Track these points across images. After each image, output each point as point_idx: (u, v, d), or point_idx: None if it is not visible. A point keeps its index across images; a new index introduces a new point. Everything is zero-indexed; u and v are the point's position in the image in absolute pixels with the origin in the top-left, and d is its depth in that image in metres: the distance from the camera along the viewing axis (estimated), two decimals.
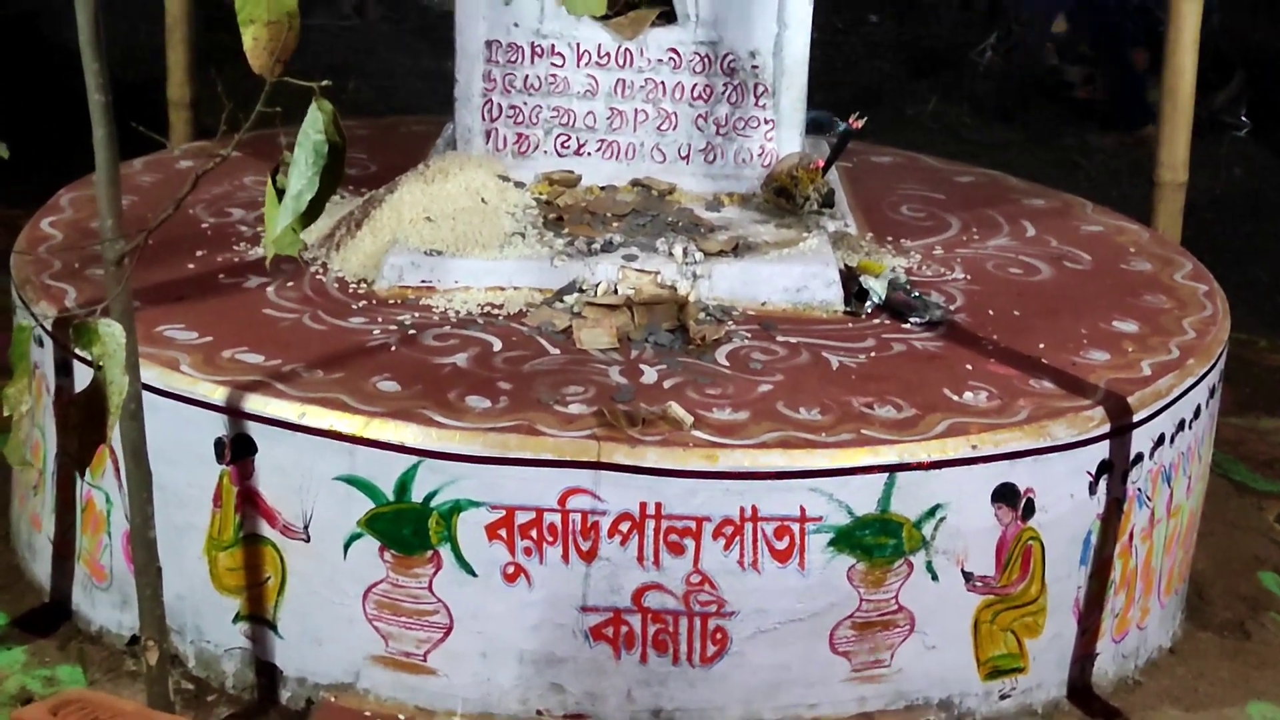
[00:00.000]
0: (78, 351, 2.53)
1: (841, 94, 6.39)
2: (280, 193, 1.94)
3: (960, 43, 8.16)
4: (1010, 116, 7.35)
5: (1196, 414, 2.79)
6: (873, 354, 2.73)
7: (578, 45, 3.19)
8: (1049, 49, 8.78)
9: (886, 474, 2.41)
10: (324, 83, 1.91)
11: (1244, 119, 7.24)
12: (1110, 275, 3.18)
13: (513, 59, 3.20)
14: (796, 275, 2.92)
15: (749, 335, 2.78)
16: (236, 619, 2.57)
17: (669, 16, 3.23)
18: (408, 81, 6.94)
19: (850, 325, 2.86)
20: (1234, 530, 3.37)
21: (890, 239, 3.28)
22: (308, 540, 2.47)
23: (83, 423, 1.98)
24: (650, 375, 2.62)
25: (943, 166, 3.92)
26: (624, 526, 2.39)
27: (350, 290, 2.88)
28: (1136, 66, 7.60)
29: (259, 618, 2.55)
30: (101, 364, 1.94)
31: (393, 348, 2.66)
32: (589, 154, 3.26)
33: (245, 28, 2.00)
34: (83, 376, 2.60)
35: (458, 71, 3.22)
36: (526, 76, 3.21)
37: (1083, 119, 7.67)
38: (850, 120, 3.19)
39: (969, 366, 2.69)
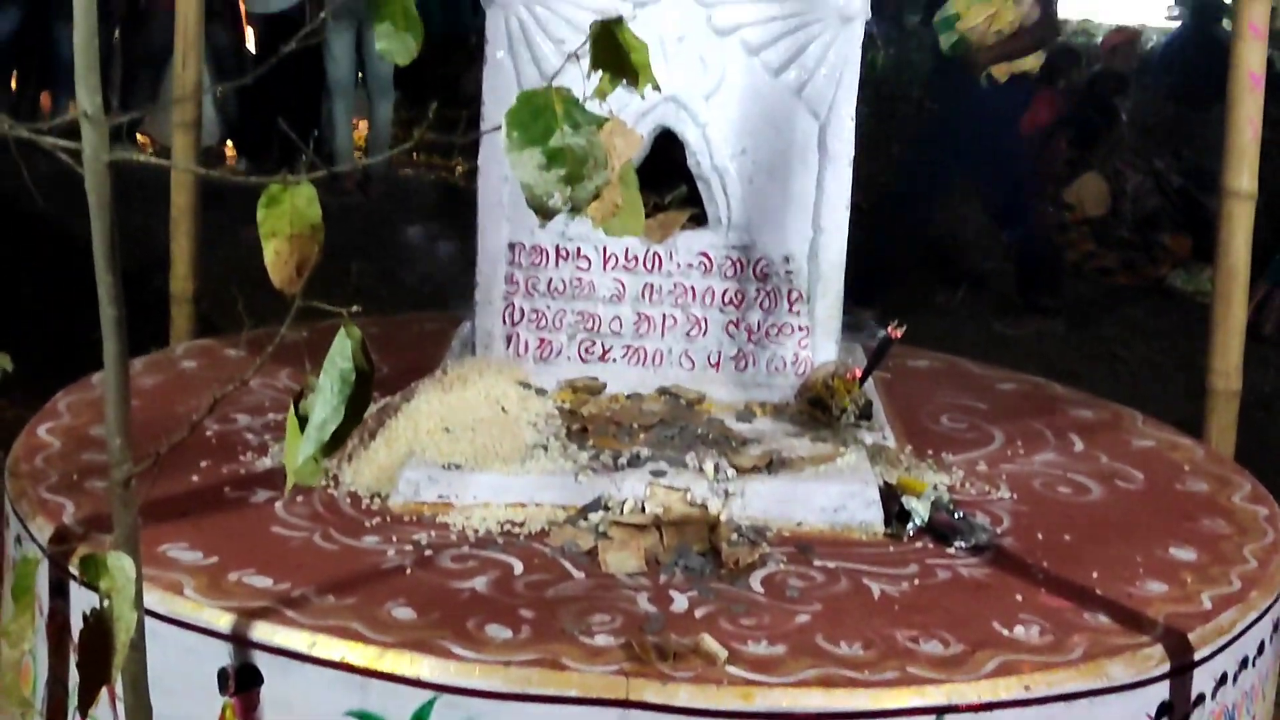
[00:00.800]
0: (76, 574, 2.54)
1: (865, 277, 6.47)
2: (303, 420, 1.97)
3: (989, 225, 8.28)
4: (1044, 309, 7.42)
5: (1260, 650, 2.79)
6: (916, 581, 2.74)
7: (604, 248, 3.25)
8: (1083, 232, 8.92)
9: (934, 716, 2.39)
10: (353, 309, 1.95)
11: None
12: (1165, 496, 3.19)
13: (536, 261, 3.26)
14: (834, 495, 2.93)
15: (784, 559, 2.79)
16: None
17: (699, 219, 3.30)
18: (413, 263, 7.04)
19: (891, 549, 2.87)
20: None
21: (931, 453, 3.30)
22: None
23: (86, 660, 1.98)
24: (681, 603, 2.62)
25: (983, 372, 3.96)
26: None
27: (363, 506, 2.90)
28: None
29: None
30: (109, 598, 1.95)
31: (408, 570, 2.67)
32: (614, 360, 3.31)
33: (267, 241, 2.04)
34: (79, 598, 2.60)
35: (478, 273, 3.28)
36: (550, 280, 3.27)
37: (1119, 306, 7.75)
38: (889, 329, 3.24)
39: (1019, 597, 2.70)
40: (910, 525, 2.93)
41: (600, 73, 2.05)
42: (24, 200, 6.46)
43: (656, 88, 2.06)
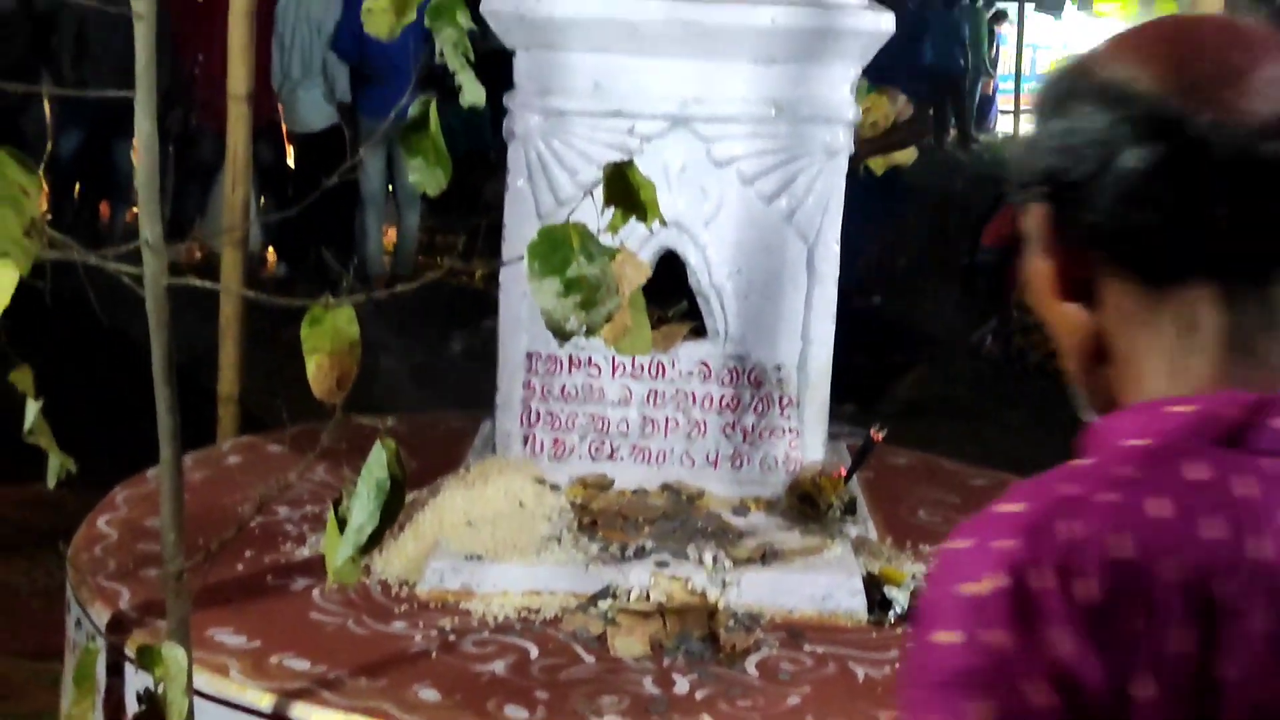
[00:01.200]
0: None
1: (843, 375, 6.47)
2: (342, 523, 1.97)
3: (960, 326, 8.31)
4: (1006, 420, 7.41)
5: None
6: (897, 665, 2.73)
7: (613, 358, 3.26)
8: (1045, 333, 8.92)
9: None
10: (388, 421, 1.97)
11: None
12: None
13: (551, 369, 3.27)
14: (822, 584, 2.93)
15: (777, 644, 2.78)
16: None
17: (699, 331, 3.32)
18: (436, 360, 7.07)
19: (874, 634, 2.86)
20: None
21: (909, 544, 3.29)
22: None
23: None
24: (682, 685, 2.61)
25: (957, 469, 3.96)
26: None
27: (393, 594, 2.89)
28: None
29: None
30: (162, 684, 1.95)
31: (433, 654, 2.66)
32: (621, 459, 3.31)
33: (310, 356, 2.06)
34: (133, 678, 2.60)
35: (499, 379, 3.29)
36: (564, 385, 3.28)
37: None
38: (871, 432, 3.25)
39: None
40: (891, 612, 2.92)
41: (612, 208, 2.08)
42: (83, 303, 6.50)
43: (663, 222, 2.08)
